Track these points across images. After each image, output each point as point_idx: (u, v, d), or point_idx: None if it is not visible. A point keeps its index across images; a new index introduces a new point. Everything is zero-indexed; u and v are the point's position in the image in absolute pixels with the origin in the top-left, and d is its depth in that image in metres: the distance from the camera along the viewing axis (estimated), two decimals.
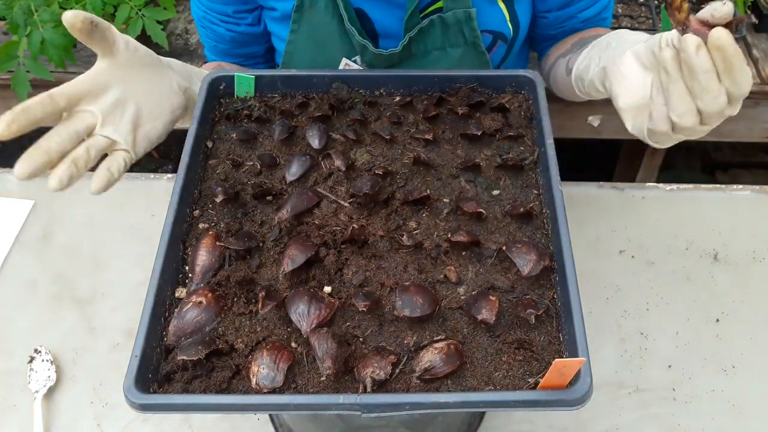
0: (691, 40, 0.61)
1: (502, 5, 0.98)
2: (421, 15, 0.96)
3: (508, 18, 0.99)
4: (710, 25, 0.62)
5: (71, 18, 0.67)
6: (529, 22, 1.04)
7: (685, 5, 0.64)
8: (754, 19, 0.62)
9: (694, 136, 0.68)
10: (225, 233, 0.70)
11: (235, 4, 1.03)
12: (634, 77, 0.71)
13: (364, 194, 0.70)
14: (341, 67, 1.01)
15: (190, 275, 0.67)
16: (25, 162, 0.63)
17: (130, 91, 0.73)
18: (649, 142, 0.71)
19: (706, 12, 0.62)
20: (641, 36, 0.75)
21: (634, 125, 0.71)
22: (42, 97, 0.65)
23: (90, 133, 0.68)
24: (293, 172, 0.75)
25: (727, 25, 0.62)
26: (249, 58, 1.12)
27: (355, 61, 1.01)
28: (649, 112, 0.68)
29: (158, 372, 0.61)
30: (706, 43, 0.60)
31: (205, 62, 1.17)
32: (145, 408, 0.56)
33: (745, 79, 0.62)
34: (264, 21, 1.07)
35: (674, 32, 0.64)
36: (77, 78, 0.70)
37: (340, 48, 1.00)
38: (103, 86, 0.70)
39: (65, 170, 0.65)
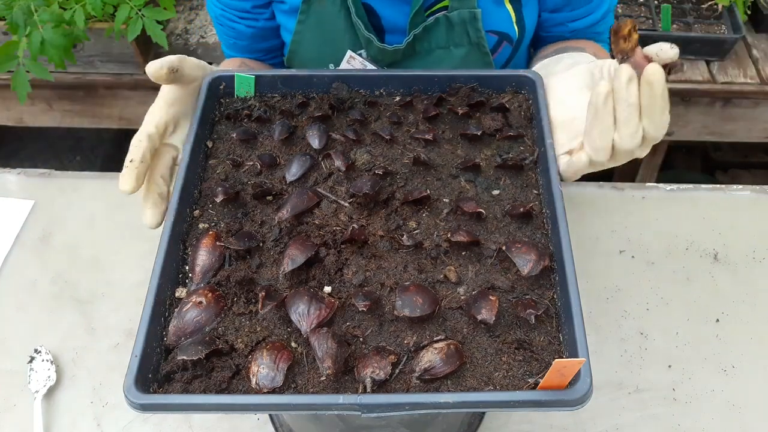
0: (625, 71, 0.64)
1: (509, 6, 0.98)
2: (427, 13, 0.96)
3: (514, 19, 0.99)
4: (651, 62, 0.64)
5: (155, 71, 0.72)
6: (535, 25, 1.04)
7: (635, 36, 0.66)
8: (684, 68, 0.66)
9: (596, 169, 0.70)
10: (225, 233, 0.70)
11: None
12: (567, 97, 0.74)
13: (364, 194, 0.70)
14: (346, 59, 1.02)
15: (190, 275, 0.67)
16: (154, 211, 0.70)
17: (190, 115, 0.79)
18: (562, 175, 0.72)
19: (652, 48, 0.64)
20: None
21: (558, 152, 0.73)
22: (143, 140, 0.70)
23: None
24: (293, 172, 0.75)
25: (664, 66, 0.64)
26: (269, 52, 1.12)
27: (360, 54, 1.01)
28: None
29: (158, 372, 0.61)
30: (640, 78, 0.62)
31: (225, 59, 1.15)
32: (145, 408, 0.56)
33: (663, 123, 0.64)
34: None
35: (614, 61, 0.66)
36: (158, 111, 0.74)
37: (346, 41, 1.00)
38: (178, 117, 0.77)
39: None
